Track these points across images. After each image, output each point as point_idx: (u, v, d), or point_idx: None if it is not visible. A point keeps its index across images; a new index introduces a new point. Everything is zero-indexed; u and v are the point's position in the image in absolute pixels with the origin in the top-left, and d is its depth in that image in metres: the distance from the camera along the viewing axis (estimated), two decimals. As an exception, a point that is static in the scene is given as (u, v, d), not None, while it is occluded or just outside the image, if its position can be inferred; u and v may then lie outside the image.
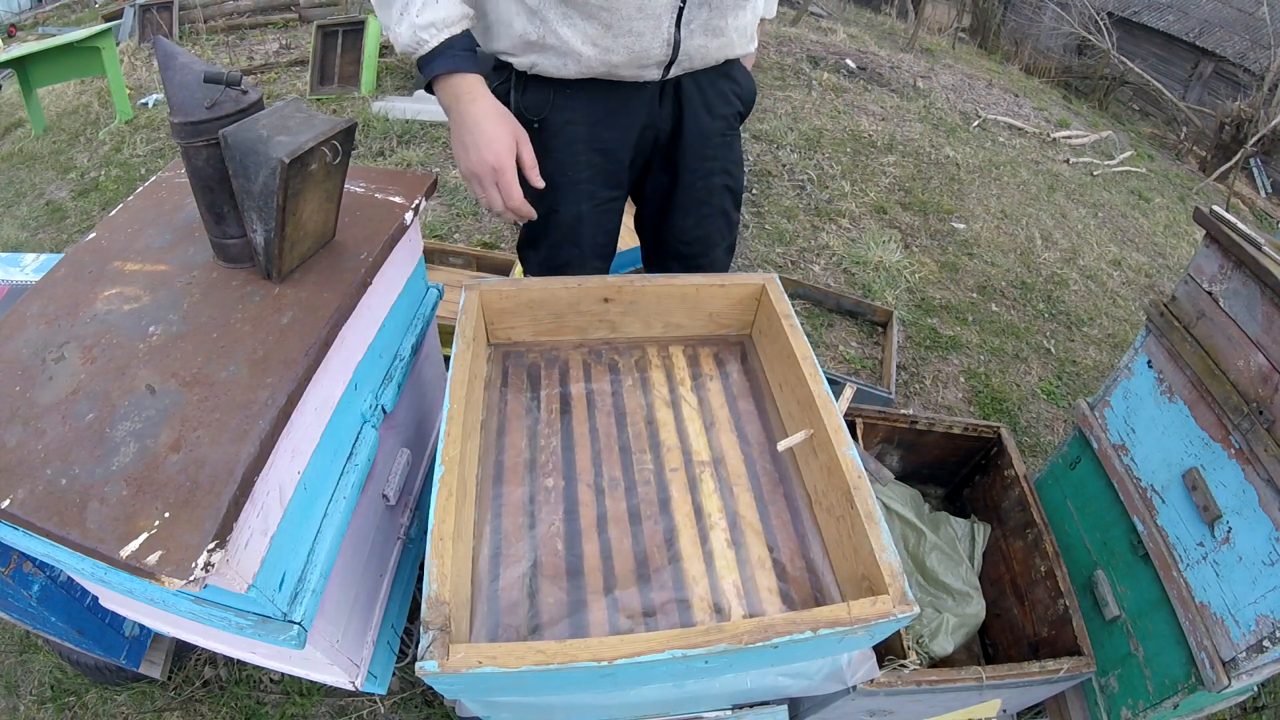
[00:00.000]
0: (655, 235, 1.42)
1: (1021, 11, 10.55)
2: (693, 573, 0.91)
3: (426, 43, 0.99)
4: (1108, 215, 3.87)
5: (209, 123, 0.81)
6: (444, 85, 1.04)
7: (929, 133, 4.25)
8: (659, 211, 1.36)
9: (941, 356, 2.49)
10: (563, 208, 1.23)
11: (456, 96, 1.03)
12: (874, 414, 1.54)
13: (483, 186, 1.06)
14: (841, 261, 2.88)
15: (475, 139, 1.03)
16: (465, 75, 1.03)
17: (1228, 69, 9.08)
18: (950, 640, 1.35)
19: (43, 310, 0.88)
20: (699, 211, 1.34)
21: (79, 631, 1.20)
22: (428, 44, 0.99)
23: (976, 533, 1.50)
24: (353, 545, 1.05)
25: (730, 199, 1.37)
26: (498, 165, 1.04)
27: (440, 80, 1.03)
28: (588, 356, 1.20)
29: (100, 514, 0.66)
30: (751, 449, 1.08)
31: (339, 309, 0.89)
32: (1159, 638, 1.15)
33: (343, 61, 4.27)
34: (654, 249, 1.45)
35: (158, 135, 3.78)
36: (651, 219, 1.40)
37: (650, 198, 1.35)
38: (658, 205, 1.35)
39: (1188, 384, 1.15)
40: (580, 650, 0.70)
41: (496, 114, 1.04)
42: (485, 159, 1.03)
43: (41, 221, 3.16)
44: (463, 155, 1.06)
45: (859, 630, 0.76)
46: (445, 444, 0.87)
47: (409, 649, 1.33)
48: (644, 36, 1.07)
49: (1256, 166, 6.85)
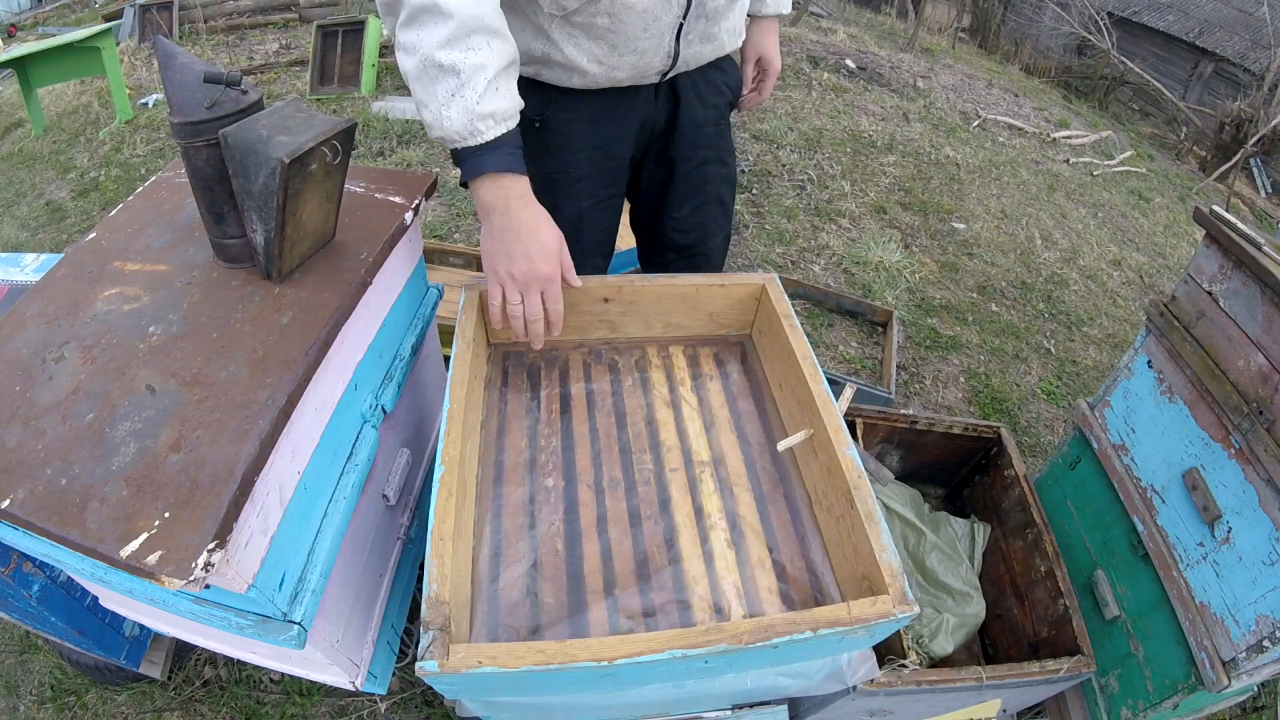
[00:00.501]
0: (651, 228, 1.42)
1: (1021, 11, 10.55)
2: (693, 573, 0.91)
3: (482, 134, 0.89)
4: (1108, 215, 3.87)
5: (209, 123, 0.81)
6: (493, 184, 0.94)
7: (929, 133, 4.25)
8: (655, 203, 1.37)
9: (941, 356, 2.49)
10: (564, 206, 1.23)
11: (507, 200, 0.94)
12: (874, 414, 1.54)
13: (528, 295, 0.98)
14: (841, 261, 2.88)
15: (528, 248, 0.95)
16: (519, 177, 0.95)
17: (1228, 69, 9.08)
18: (950, 640, 1.35)
19: (43, 310, 0.88)
20: (695, 199, 1.35)
21: (79, 631, 1.20)
22: (483, 136, 0.90)
23: (976, 533, 1.50)
24: (353, 545, 1.05)
25: (726, 187, 1.38)
26: (551, 275, 0.96)
27: (488, 179, 0.93)
28: (588, 356, 1.20)
29: (100, 514, 0.66)
30: (751, 449, 1.08)
31: (339, 309, 0.89)
32: (1159, 638, 1.15)
33: (343, 61, 4.27)
34: (651, 243, 1.45)
35: (158, 135, 3.78)
36: (647, 211, 1.40)
37: (646, 190, 1.36)
38: (653, 197, 1.36)
39: (1188, 384, 1.15)
40: (580, 650, 0.70)
41: (547, 219, 0.97)
42: (539, 270, 0.95)
43: (41, 221, 3.16)
44: (506, 262, 0.96)
45: (859, 630, 0.75)
46: (445, 444, 0.87)
47: (409, 649, 1.33)
48: (647, 54, 1.09)
49: (1256, 166, 6.84)
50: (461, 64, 0.86)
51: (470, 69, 0.86)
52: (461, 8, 0.84)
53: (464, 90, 0.87)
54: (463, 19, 0.85)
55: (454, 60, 0.85)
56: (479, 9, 0.86)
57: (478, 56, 0.86)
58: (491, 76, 0.88)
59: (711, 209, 1.38)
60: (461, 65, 0.86)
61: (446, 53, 0.85)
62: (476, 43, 0.86)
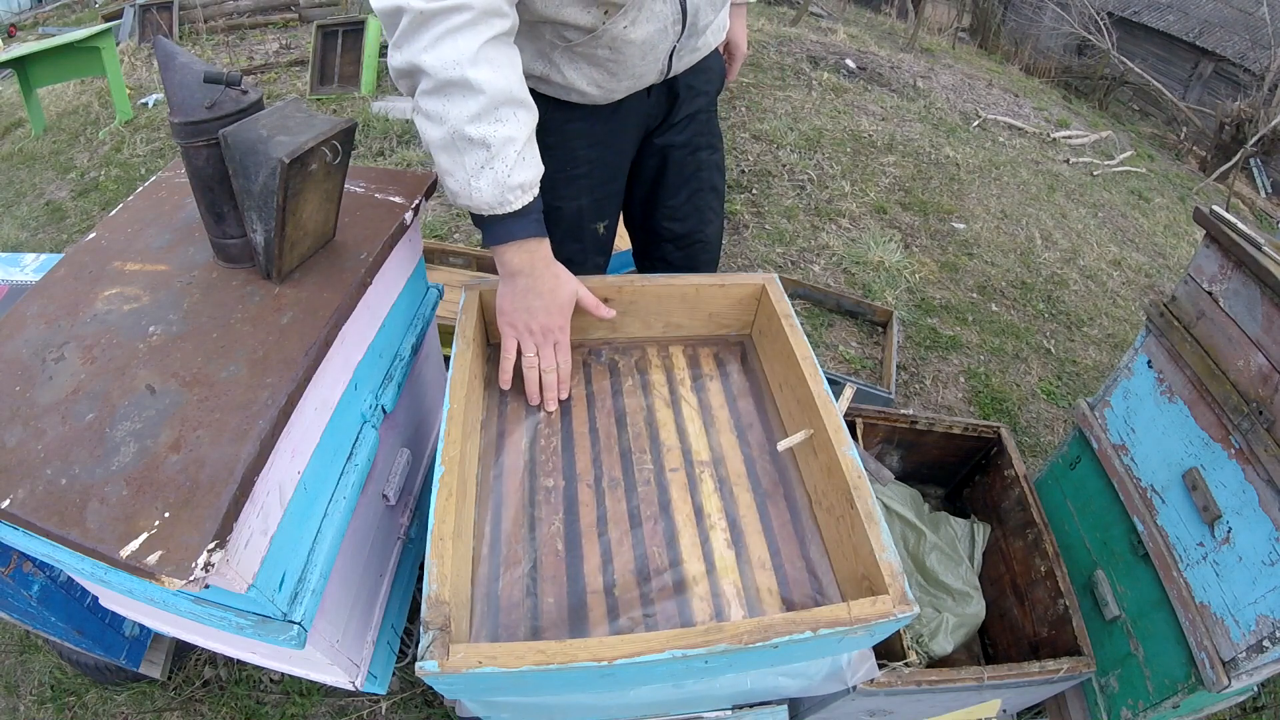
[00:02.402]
0: (646, 220, 1.42)
1: (1021, 11, 10.55)
2: (693, 573, 0.91)
3: (511, 205, 0.91)
4: (1108, 215, 3.87)
5: (209, 123, 0.81)
6: (519, 249, 0.96)
7: (929, 133, 4.25)
8: (649, 194, 1.37)
9: (941, 356, 2.49)
10: (564, 203, 1.23)
11: (533, 263, 0.97)
12: (874, 414, 1.54)
13: (543, 347, 1.03)
14: (841, 261, 2.88)
15: (546, 303, 0.99)
16: (542, 240, 0.97)
17: (1228, 69, 9.09)
18: (950, 640, 1.35)
19: (43, 310, 0.88)
20: (690, 186, 1.36)
21: (79, 631, 1.20)
22: (512, 206, 0.91)
23: (976, 533, 1.50)
24: (353, 545, 1.05)
25: (718, 174, 1.40)
26: (563, 326, 1.01)
27: (515, 244, 0.96)
28: (588, 357, 1.20)
29: (100, 514, 0.66)
30: (751, 449, 1.08)
31: (339, 309, 0.89)
32: (1159, 638, 1.15)
33: (343, 61, 4.27)
34: (646, 236, 1.45)
35: (158, 135, 3.78)
36: (641, 203, 1.40)
37: (639, 181, 1.36)
38: (647, 188, 1.37)
39: (1188, 384, 1.15)
40: (580, 650, 0.70)
41: (567, 277, 1.01)
42: (553, 321, 1.00)
43: (41, 221, 3.16)
44: (526, 317, 1.00)
45: (859, 630, 0.75)
46: (445, 444, 0.87)
47: (409, 649, 1.33)
48: (644, 76, 1.13)
49: (1256, 166, 6.84)
50: (491, 138, 0.86)
51: (500, 142, 0.87)
52: (493, 83, 0.84)
53: (494, 163, 0.88)
54: (493, 94, 0.85)
55: (484, 134, 0.86)
56: (508, 83, 0.86)
57: (506, 129, 0.87)
58: (520, 148, 0.89)
59: (706, 195, 1.38)
60: (491, 139, 0.86)
61: (476, 127, 0.85)
62: (505, 115, 0.87)
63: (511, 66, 0.88)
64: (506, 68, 0.87)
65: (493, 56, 0.85)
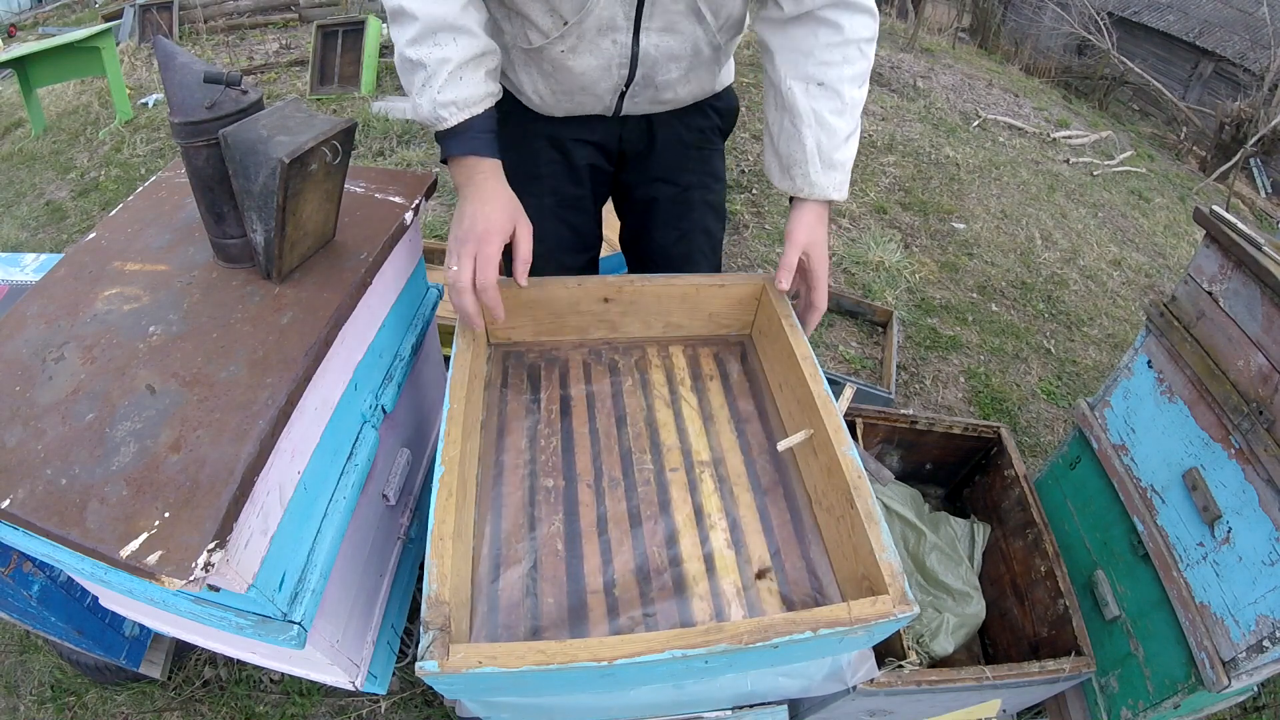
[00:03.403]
0: (636, 249, 1.42)
1: (1021, 11, 10.55)
2: (693, 573, 0.91)
3: (445, 120, 0.96)
4: (1108, 215, 3.87)
5: (209, 123, 0.81)
6: (459, 165, 1.01)
7: (929, 133, 4.25)
8: (641, 224, 1.36)
9: (941, 356, 2.49)
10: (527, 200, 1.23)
11: (470, 176, 1.00)
12: (874, 414, 1.54)
13: (461, 257, 0.97)
14: (841, 261, 2.88)
15: (474, 209, 0.98)
16: (482, 159, 1.00)
17: (1228, 69, 9.09)
18: (950, 640, 1.35)
19: (43, 310, 0.88)
20: (680, 226, 1.33)
21: (79, 631, 1.20)
22: (446, 122, 0.96)
23: (976, 533, 1.50)
24: (353, 545, 1.05)
25: (712, 215, 1.35)
26: (485, 237, 0.96)
27: (455, 160, 1.01)
28: (588, 356, 1.20)
29: (100, 514, 0.66)
30: (751, 449, 1.08)
31: (339, 309, 0.89)
32: (1159, 638, 1.15)
33: (343, 61, 4.28)
34: (636, 265, 1.45)
35: (158, 135, 3.78)
36: (633, 232, 1.40)
37: (632, 209, 1.36)
38: (639, 217, 1.36)
39: (1188, 384, 1.15)
40: (580, 650, 0.70)
41: (505, 197, 1.01)
42: (476, 228, 0.97)
43: (41, 221, 3.16)
44: (456, 225, 1.00)
45: (859, 630, 0.75)
46: (445, 444, 0.87)
47: (409, 649, 1.33)
48: (586, 105, 1.16)
49: (1256, 166, 6.84)
50: (428, 59, 0.93)
51: (435, 63, 0.93)
52: (428, 11, 0.91)
53: (431, 81, 0.94)
54: (426, 20, 0.92)
55: (420, 56, 0.93)
56: (445, 11, 0.92)
57: (442, 51, 0.93)
58: (454, 68, 0.94)
59: (697, 237, 1.35)
60: (428, 60, 0.93)
61: (415, 49, 0.93)
62: (443, 39, 0.93)
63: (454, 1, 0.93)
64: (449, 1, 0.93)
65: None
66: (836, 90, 1.03)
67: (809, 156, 1.05)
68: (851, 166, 1.09)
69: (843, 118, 1.04)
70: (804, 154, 1.05)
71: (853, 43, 1.01)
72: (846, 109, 1.04)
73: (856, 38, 1.01)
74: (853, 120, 1.05)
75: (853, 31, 1.01)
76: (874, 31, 1.03)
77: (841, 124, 1.04)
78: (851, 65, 1.02)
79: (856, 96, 1.04)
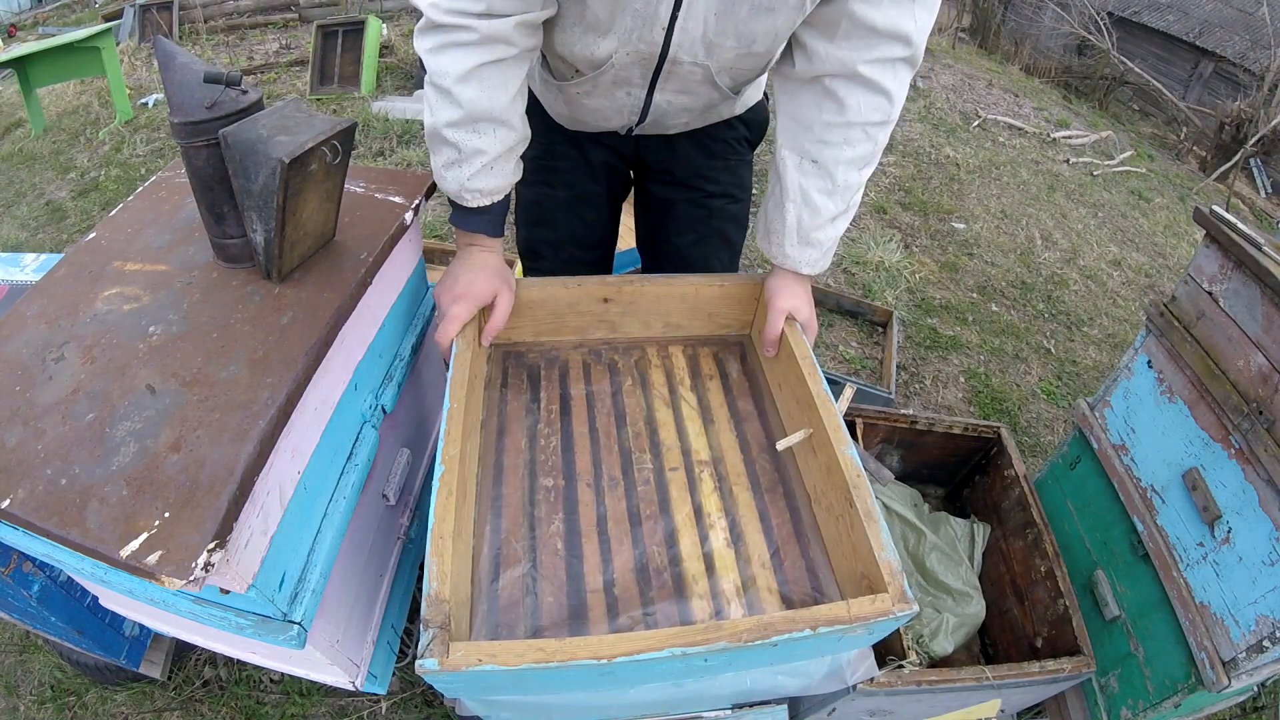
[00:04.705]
0: (652, 251, 1.43)
1: (1021, 11, 10.55)
2: (692, 572, 0.91)
3: (468, 201, 1.00)
4: (1108, 215, 3.87)
5: (209, 123, 0.81)
6: (465, 236, 1.06)
7: (929, 133, 4.25)
8: (658, 226, 1.36)
9: (941, 356, 2.49)
10: (541, 190, 1.27)
11: (470, 251, 1.05)
12: (874, 414, 1.54)
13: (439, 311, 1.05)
14: (841, 261, 2.88)
15: (462, 273, 1.03)
16: (490, 238, 1.06)
17: (1228, 69, 9.08)
18: (950, 640, 1.35)
19: (43, 310, 0.88)
20: (698, 231, 1.33)
21: (79, 631, 1.20)
22: (469, 203, 1.01)
23: (976, 533, 1.50)
24: (353, 545, 1.05)
25: (733, 225, 1.34)
26: (460, 298, 1.02)
27: (463, 232, 1.05)
28: (587, 356, 1.20)
29: (100, 514, 0.66)
30: (751, 449, 1.08)
31: (339, 309, 0.89)
32: (1159, 638, 1.15)
33: (343, 61, 4.28)
34: (651, 266, 1.46)
35: (158, 135, 3.78)
36: (649, 233, 1.40)
37: (650, 210, 1.36)
38: (657, 219, 1.36)
39: (1188, 384, 1.15)
40: (580, 648, 0.70)
41: (495, 268, 1.05)
42: (454, 289, 1.02)
43: (41, 221, 3.16)
44: (442, 280, 1.06)
45: (858, 628, 0.76)
46: (445, 444, 0.87)
47: (409, 649, 1.33)
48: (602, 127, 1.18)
49: (1256, 166, 6.84)
50: (464, 145, 0.94)
51: (470, 151, 0.95)
52: (474, 102, 0.91)
53: (462, 165, 0.96)
54: (471, 111, 0.92)
55: (457, 139, 0.94)
56: (491, 104, 0.92)
57: (479, 142, 0.94)
58: (489, 160, 0.96)
59: (714, 243, 1.34)
60: (463, 146, 0.94)
61: (453, 132, 0.94)
62: (483, 129, 0.94)
63: (503, 88, 0.92)
64: (498, 89, 0.91)
65: (486, 76, 0.90)
66: (829, 171, 0.99)
67: (787, 230, 1.03)
68: (835, 246, 1.07)
69: (831, 199, 1.00)
70: (783, 225, 1.04)
71: (856, 125, 0.96)
72: (837, 191, 0.99)
73: (862, 120, 0.95)
74: (842, 202, 1.01)
75: (858, 114, 0.95)
76: (887, 115, 0.96)
77: (828, 205, 1.00)
78: (852, 148, 0.97)
79: (852, 179, 0.99)
